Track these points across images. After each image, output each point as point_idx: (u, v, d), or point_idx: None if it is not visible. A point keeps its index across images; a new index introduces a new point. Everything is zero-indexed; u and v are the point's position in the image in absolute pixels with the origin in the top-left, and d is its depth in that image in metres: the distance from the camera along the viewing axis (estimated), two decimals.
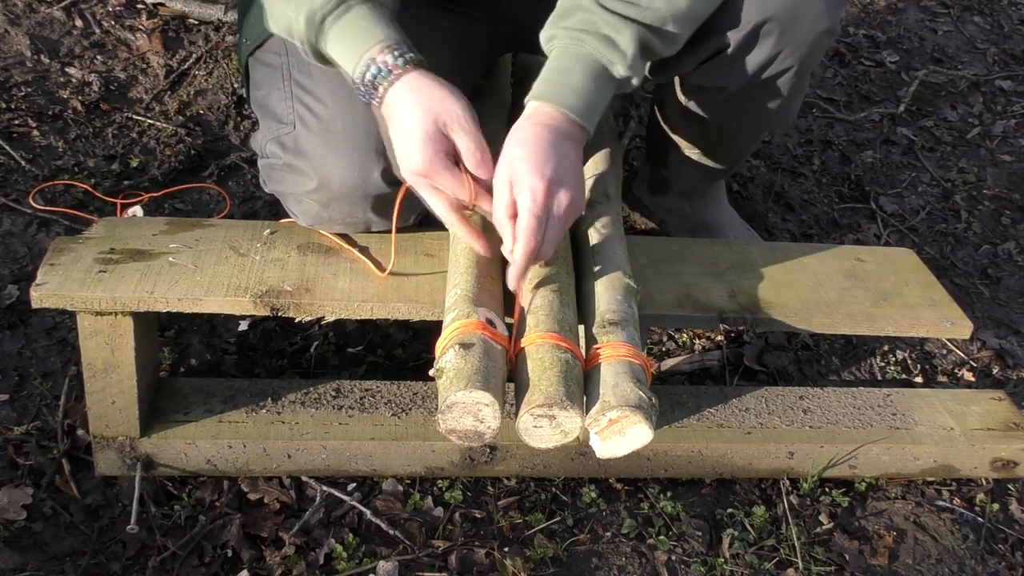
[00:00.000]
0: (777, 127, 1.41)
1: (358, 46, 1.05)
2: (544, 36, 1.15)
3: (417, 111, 1.03)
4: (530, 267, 1.06)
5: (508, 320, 1.09)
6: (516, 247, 1.03)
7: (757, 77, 1.27)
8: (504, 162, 1.05)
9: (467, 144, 1.04)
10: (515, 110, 1.50)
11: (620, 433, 0.99)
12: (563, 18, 1.13)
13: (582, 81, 1.09)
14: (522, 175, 1.02)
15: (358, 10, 1.06)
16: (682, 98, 1.42)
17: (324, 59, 1.11)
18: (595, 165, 1.40)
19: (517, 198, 1.03)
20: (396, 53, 1.04)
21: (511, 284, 1.06)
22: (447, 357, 0.99)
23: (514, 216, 1.04)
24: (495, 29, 1.41)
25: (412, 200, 1.31)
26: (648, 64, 1.16)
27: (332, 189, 1.20)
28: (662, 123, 1.53)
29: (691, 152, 1.53)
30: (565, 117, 1.08)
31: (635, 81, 1.13)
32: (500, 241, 1.07)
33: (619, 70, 1.10)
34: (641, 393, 0.99)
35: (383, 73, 1.04)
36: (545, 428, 0.98)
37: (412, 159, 1.04)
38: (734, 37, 1.22)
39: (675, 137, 1.52)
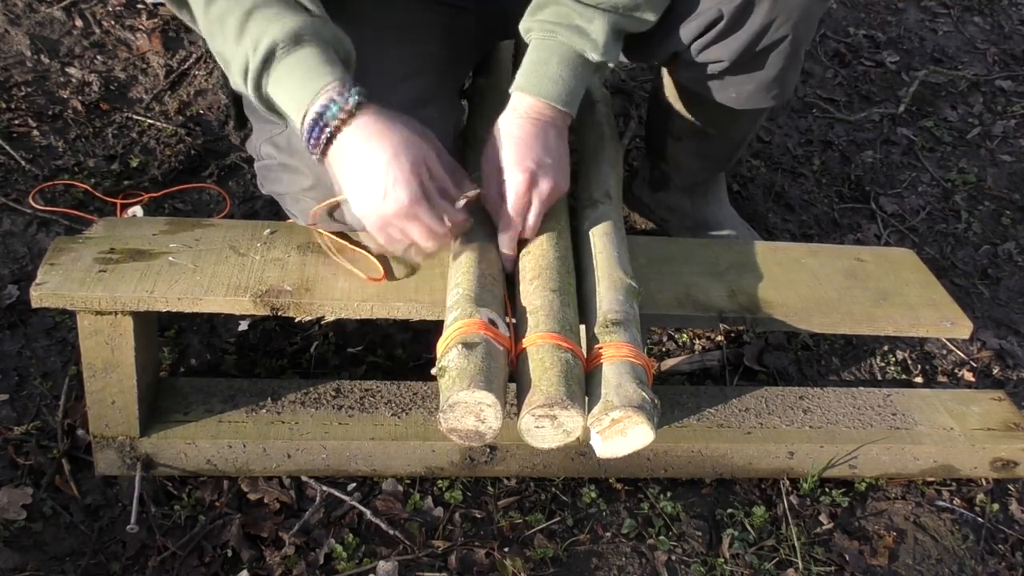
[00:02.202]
0: (774, 104, 1.41)
1: (306, 87, 1.02)
2: (522, 27, 1.22)
3: (388, 149, 1.02)
4: (516, 240, 1.18)
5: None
6: (500, 228, 1.17)
7: (752, 49, 1.28)
8: (492, 153, 1.17)
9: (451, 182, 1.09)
10: None
11: (622, 433, 0.99)
12: (538, 11, 1.20)
13: (559, 70, 1.18)
14: (507, 168, 1.15)
15: (308, 50, 1.04)
16: (679, 78, 1.43)
17: (266, 101, 1.08)
18: (596, 165, 1.40)
19: (504, 188, 1.15)
20: (349, 91, 1.03)
21: (503, 248, 1.17)
22: (450, 356, 0.99)
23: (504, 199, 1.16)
24: (483, 19, 1.41)
25: None
26: (621, 42, 1.23)
27: (328, 185, 1.20)
28: (660, 110, 1.53)
29: (690, 140, 1.53)
30: (547, 105, 1.18)
31: (611, 63, 1.21)
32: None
33: (593, 56, 1.18)
34: (644, 394, 0.99)
35: (332, 114, 1.02)
36: (547, 428, 0.98)
37: (397, 196, 1.02)
38: (727, 9, 1.23)
39: (673, 124, 1.52)
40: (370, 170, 1.03)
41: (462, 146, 1.41)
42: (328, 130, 1.03)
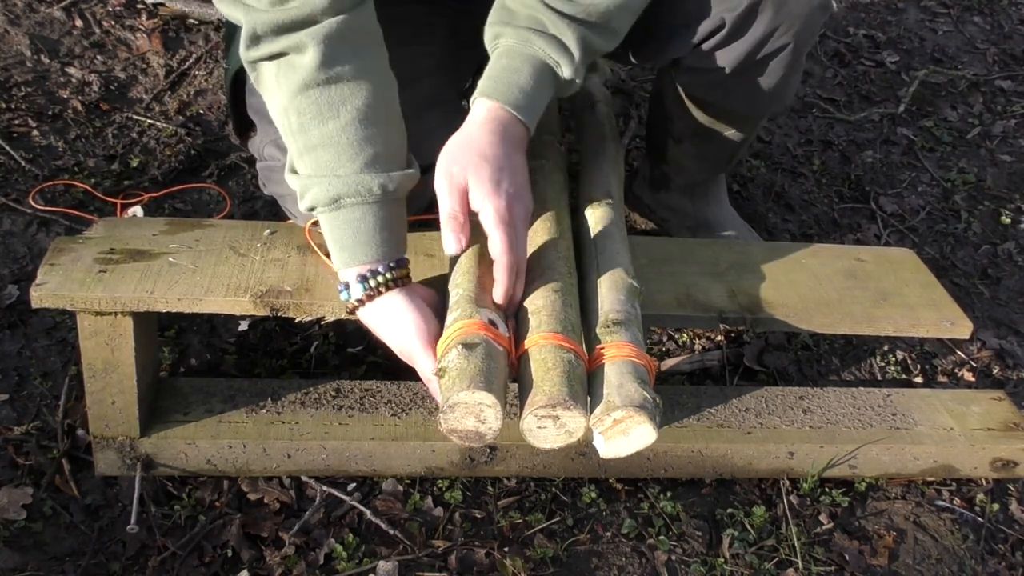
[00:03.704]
0: (775, 109, 1.41)
1: (338, 253, 1.09)
2: (489, 34, 1.16)
3: (391, 338, 1.10)
4: (516, 282, 1.08)
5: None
6: (497, 267, 1.06)
7: (753, 56, 1.28)
8: (454, 166, 1.07)
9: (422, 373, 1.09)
10: None
11: (624, 433, 0.99)
12: (508, 15, 1.15)
13: (529, 81, 1.12)
14: (482, 194, 1.06)
15: (346, 213, 1.07)
16: (680, 82, 1.42)
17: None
18: (597, 165, 1.40)
19: (481, 216, 1.06)
20: (372, 280, 1.08)
21: (500, 300, 1.07)
22: (450, 357, 0.99)
23: (464, 211, 1.07)
24: (485, 21, 1.41)
25: (411, 197, 1.31)
26: (586, 67, 1.17)
27: None
28: (661, 112, 1.53)
29: (690, 143, 1.53)
30: (513, 118, 1.11)
31: (577, 83, 1.15)
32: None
33: (565, 71, 1.13)
34: (646, 393, 0.99)
35: (348, 296, 1.10)
36: (549, 429, 0.97)
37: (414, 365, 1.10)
38: (730, 16, 1.23)
39: (674, 126, 1.52)
40: (392, 343, 1.11)
41: None
42: (350, 304, 1.11)
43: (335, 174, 1.06)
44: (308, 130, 1.06)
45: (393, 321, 1.09)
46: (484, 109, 1.12)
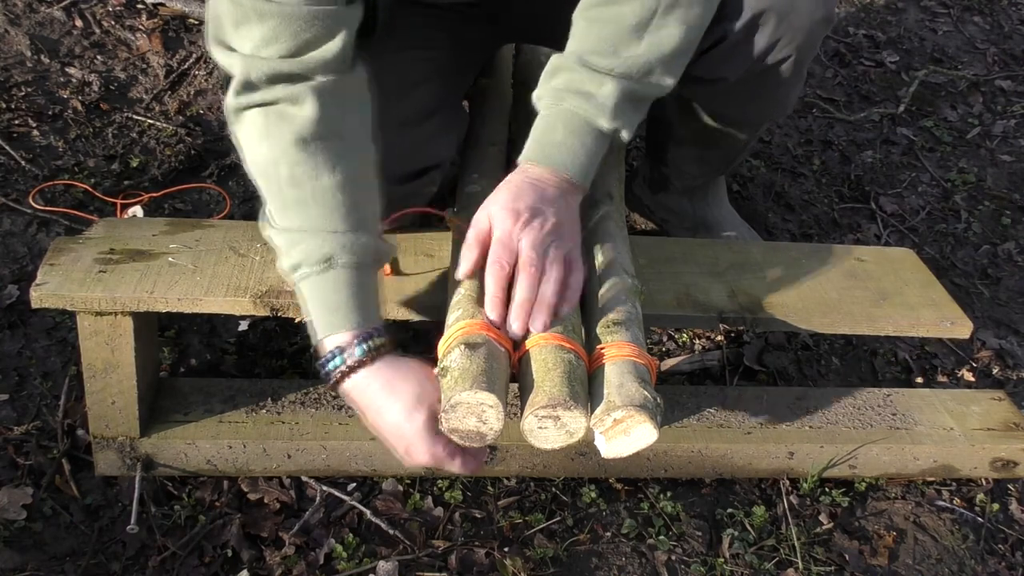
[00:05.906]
0: (775, 118, 1.41)
1: (324, 318, 1.02)
2: (535, 96, 1.15)
3: (399, 404, 1.00)
4: (504, 284, 1.03)
5: None
6: (487, 277, 1.02)
7: (756, 68, 1.28)
8: (479, 211, 1.06)
9: None
10: (516, 108, 1.50)
11: (625, 433, 0.99)
12: (549, 78, 1.13)
13: (566, 138, 1.09)
14: (495, 212, 1.04)
15: (336, 274, 1.02)
16: (681, 90, 1.42)
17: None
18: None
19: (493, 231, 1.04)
20: (358, 345, 1.01)
21: (518, 331, 1.02)
22: (452, 356, 0.99)
23: (481, 246, 1.05)
24: (489, 24, 1.41)
25: (411, 201, 1.31)
26: (640, 112, 1.14)
27: None
28: (661, 117, 1.53)
29: (690, 147, 1.54)
30: (555, 174, 1.09)
31: (626, 133, 1.12)
32: None
33: (603, 123, 1.09)
34: (646, 393, 0.99)
35: (335, 365, 1.01)
36: (550, 429, 0.97)
37: (416, 456, 1.02)
38: (732, 27, 1.22)
39: (674, 131, 1.52)
40: (384, 426, 1.03)
41: (464, 149, 1.41)
42: (333, 377, 1.02)
43: (327, 230, 1.02)
44: (302, 184, 1.03)
45: (411, 374, 1.02)
46: (518, 168, 1.11)
